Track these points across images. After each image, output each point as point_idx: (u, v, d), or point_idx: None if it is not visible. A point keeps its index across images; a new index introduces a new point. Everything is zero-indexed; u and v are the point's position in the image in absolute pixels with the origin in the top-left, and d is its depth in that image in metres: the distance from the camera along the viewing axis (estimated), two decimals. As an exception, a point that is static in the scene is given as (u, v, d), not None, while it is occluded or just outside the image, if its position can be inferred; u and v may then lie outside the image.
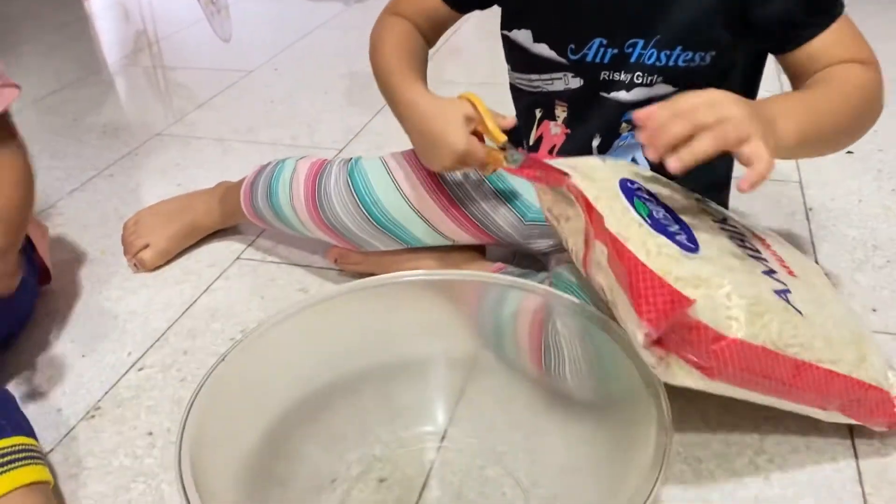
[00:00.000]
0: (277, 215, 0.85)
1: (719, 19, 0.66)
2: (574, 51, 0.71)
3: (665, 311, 0.51)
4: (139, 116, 1.40)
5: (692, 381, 0.55)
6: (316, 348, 0.67)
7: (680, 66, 0.68)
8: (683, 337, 0.53)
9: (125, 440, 0.68)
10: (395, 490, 0.63)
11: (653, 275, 0.53)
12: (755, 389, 0.57)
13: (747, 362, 0.54)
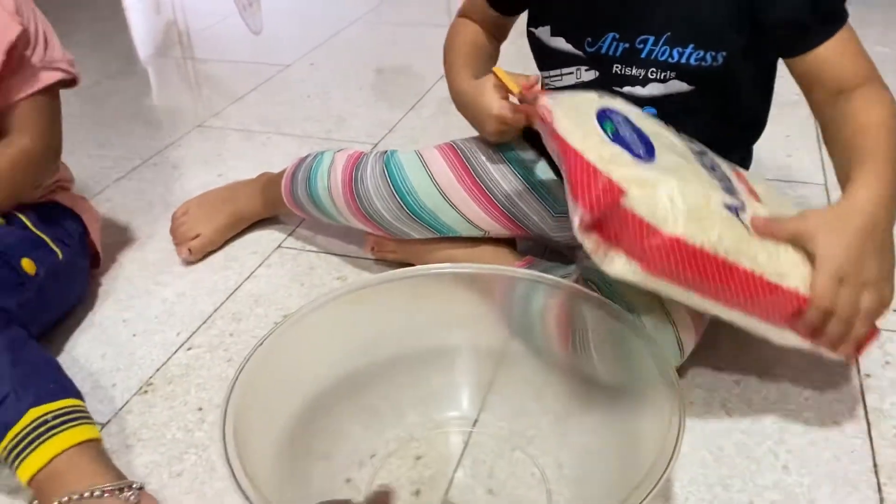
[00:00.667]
0: (316, 204, 0.89)
1: (730, 19, 0.69)
2: (591, 43, 0.75)
3: (598, 197, 0.56)
4: (180, 108, 1.45)
5: (631, 274, 0.59)
6: (352, 333, 0.71)
7: (692, 65, 0.70)
8: (620, 228, 0.57)
9: (177, 414, 0.73)
10: (431, 467, 0.66)
11: (591, 166, 0.57)
12: (695, 291, 0.59)
13: (684, 261, 0.57)
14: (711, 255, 0.57)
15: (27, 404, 0.63)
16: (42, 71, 0.78)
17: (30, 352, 0.69)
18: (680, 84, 0.72)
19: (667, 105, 0.73)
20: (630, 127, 0.64)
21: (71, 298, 0.88)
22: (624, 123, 0.64)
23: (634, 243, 0.57)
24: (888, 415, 0.69)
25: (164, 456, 0.68)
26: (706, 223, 0.58)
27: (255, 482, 0.50)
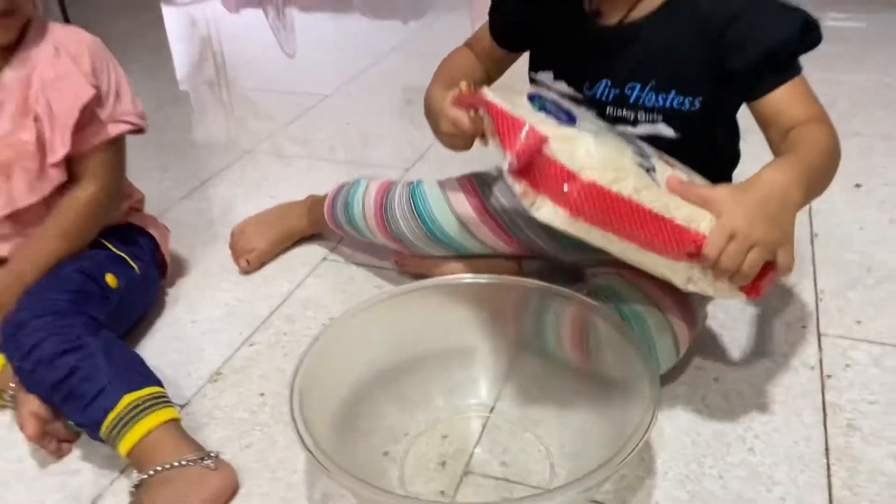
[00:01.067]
0: (352, 225, 1.03)
1: (703, 69, 0.81)
2: (588, 87, 0.87)
3: (523, 143, 0.65)
4: (232, 135, 1.61)
5: (557, 219, 0.66)
6: (389, 333, 0.84)
7: (675, 109, 0.82)
8: (543, 174, 0.66)
9: (243, 399, 0.87)
10: (455, 444, 0.80)
11: (516, 119, 0.67)
12: (613, 233, 0.67)
13: (601, 204, 0.65)
14: (626, 200, 0.65)
15: (122, 392, 0.77)
16: (111, 124, 0.90)
17: (119, 350, 0.83)
18: (666, 128, 0.85)
19: (655, 144, 0.86)
20: (556, 106, 0.74)
21: (146, 304, 1.02)
22: (551, 102, 0.75)
23: (555, 187, 0.65)
24: (843, 409, 0.82)
25: (234, 432, 0.82)
26: (620, 174, 0.66)
27: (317, 447, 0.64)
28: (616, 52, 0.84)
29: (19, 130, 0.86)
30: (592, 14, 0.85)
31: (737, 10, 0.78)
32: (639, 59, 0.84)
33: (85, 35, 0.91)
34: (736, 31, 0.78)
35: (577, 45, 0.87)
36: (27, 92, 0.86)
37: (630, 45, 0.83)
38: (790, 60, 0.80)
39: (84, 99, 0.86)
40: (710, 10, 0.79)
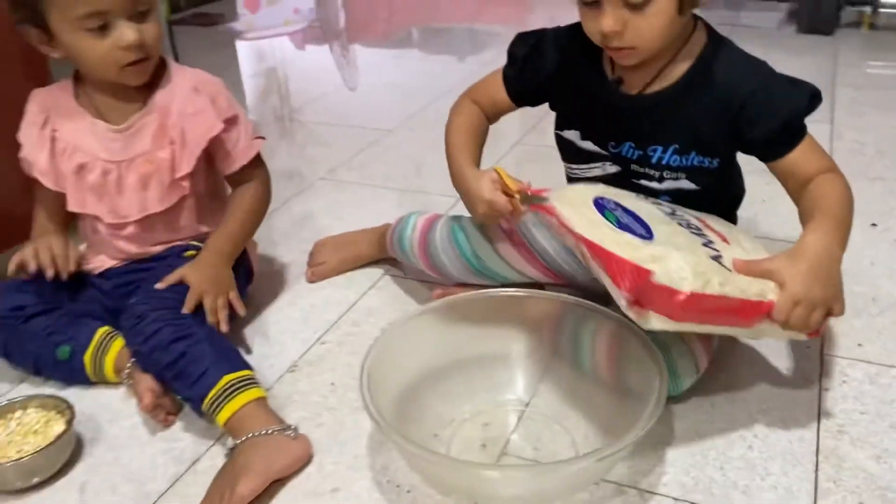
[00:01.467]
0: (405, 255, 1.17)
1: (721, 137, 0.93)
2: (613, 146, 0.99)
3: (633, 279, 0.76)
4: (306, 163, 1.79)
5: (664, 325, 0.78)
6: (439, 337, 0.98)
7: (696, 167, 0.95)
8: (652, 297, 0.77)
9: (316, 387, 1.03)
10: (495, 430, 0.94)
11: (620, 259, 0.77)
12: (707, 322, 0.80)
13: (698, 306, 0.77)
14: (717, 297, 0.78)
15: (222, 373, 0.93)
16: (253, 141, 1.12)
17: (219, 339, 1.00)
18: (688, 183, 0.96)
19: (677, 195, 0.98)
20: (623, 210, 0.87)
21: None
22: (619, 210, 0.86)
23: (664, 304, 0.77)
24: (836, 417, 0.93)
25: (309, 413, 0.98)
26: (706, 275, 0.78)
27: (382, 417, 0.79)
28: (638, 119, 0.96)
29: (158, 150, 1.05)
30: (615, 82, 0.96)
31: (753, 88, 0.89)
32: (660, 126, 0.95)
33: (215, 78, 1.10)
34: (753, 107, 0.90)
35: (601, 109, 0.98)
36: (167, 121, 1.05)
37: (651, 114, 0.95)
38: (801, 126, 0.92)
39: (212, 133, 1.06)
40: (727, 88, 0.91)
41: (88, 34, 0.96)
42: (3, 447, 0.91)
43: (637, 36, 0.87)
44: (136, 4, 0.97)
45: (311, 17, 3.58)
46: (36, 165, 1.06)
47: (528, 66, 1.03)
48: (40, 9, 0.95)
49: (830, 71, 2.21)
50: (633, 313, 0.78)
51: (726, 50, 0.94)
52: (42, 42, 1.00)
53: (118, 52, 0.98)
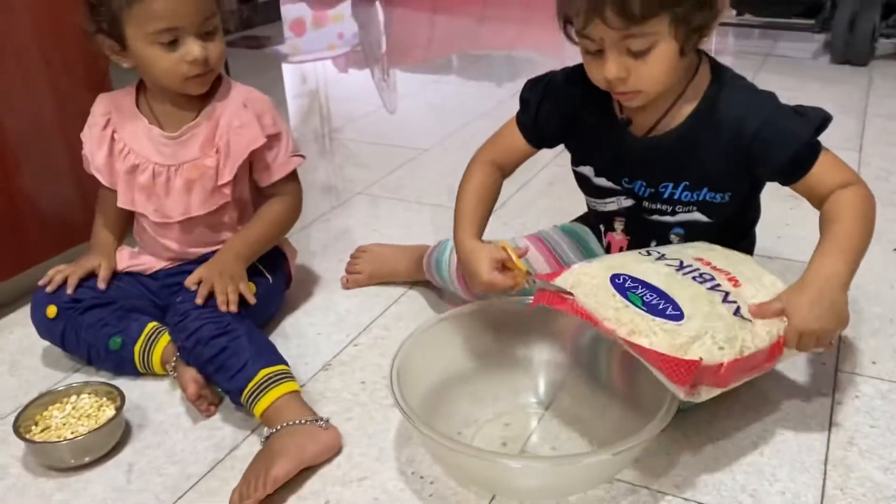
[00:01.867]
0: (444, 282, 1.20)
1: (732, 172, 0.95)
2: (627, 182, 1.02)
3: (687, 374, 0.79)
4: (345, 179, 1.87)
5: (711, 394, 0.84)
6: (466, 340, 1.03)
7: (708, 201, 0.98)
8: (702, 376, 0.81)
9: (347, 384, 1.09)
10: (515, 430, 0.99)
11: (668, 358, 0.80)
12: (745, 376, 0.86)
13: (738, 368, 0.83)
14: (750, 356, 0.83)
15: (260, 367, 1.00)
16: (291, 158, 1.19)
17: (257, 335, 1.07)
18: (701, 216, 0.99)
19: (690, 227, 1.01)
20: (642, 286, 0.87)
21: (274, 308, 1.26)
22: (640, 286, 0.87)
23: (710, 378, 0.82)
24: (846, 429, 0.96)
25: (340, 408, 1.04)
26: (737, 339, 0.83)
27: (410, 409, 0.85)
28: (648, 160, 0.99)
29: (204, 157, 1.13)
30: (624, 121, 0.99)
31: (759, 125, 0.91)
32: (669, 165, 0.98)
33: (264, 96, 1.18)
34: (761, 145, 0.92)
35: (612, 148, 1.02)
36: (215, 131, 1.13)
37: (660, 154, 0.98)
38: (812, 151, 0.93)
39: (254, 146, 1.14)
40: (733, 125, 0.93)
41: (160, 47, 1.05)
42: (59, 428, 0.98)
43: (641, 81, 0.90)
44: (204, 25, 1.07)
45: (355, 42, 3.71)
46: (94, 162, 1.16)
47: (541, 111, 1.05)
48: (119, 22, 1.05)
49: (863, 101, 2.24)
50: (682, 393, 0.81)
51: (730, 86, 0.96)
52: (114, 51, 1.09)
53: (184, 66, 1.07)
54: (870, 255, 1.26)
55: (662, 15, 0.85)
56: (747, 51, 2.99)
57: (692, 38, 0.90)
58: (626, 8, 0.83)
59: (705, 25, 0.90)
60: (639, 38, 0.87)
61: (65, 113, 1.31)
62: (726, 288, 0.90)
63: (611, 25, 0.85)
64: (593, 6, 0.85)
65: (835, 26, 2.59)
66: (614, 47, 0.88)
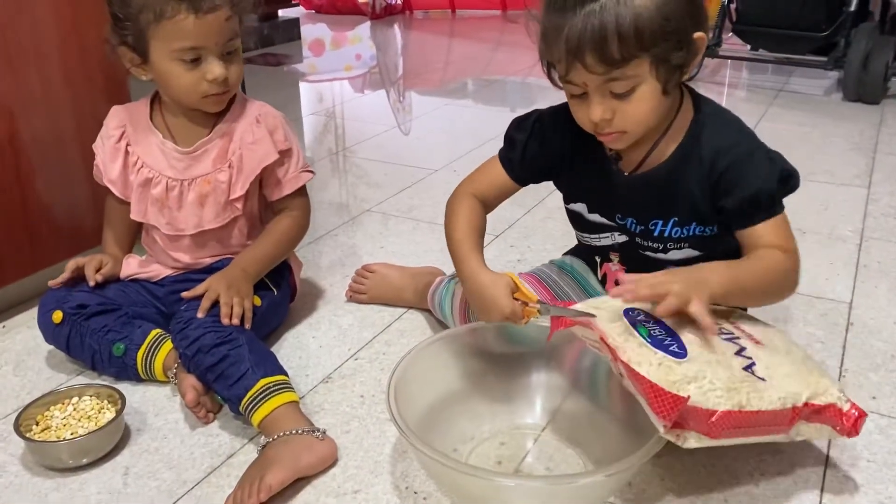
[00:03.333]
0: (445, 319, 1.21)
1: (710, 207, 0.96)
2: (620, 219, 1.03)
3: (671, 409, 0.78)
4: (355, 196, 1.89)
5: (701, 443, 0.81)
6: (465, 359, 1.04)
7: (699, 235, 0.99)
8: (689, 418, 0.80)
9: (346, 398, 1.09)
10: (511, 449, 0.99)
11: (658, 388, 0.79)
12: (744, 435, 0.83)
13: (733, 422, 0.81)
14: (747, 412, 0.81)
15: (260, 376, 1.01)
16: (302, 173, 1.21)
17: (258, 346, 1.07)
18: (692, 251, 1.00)
19: (682, 264, 1.00)
20: (653, 322, 0.87)
21: (277, 320, 1.27)
22: (651, 322, 0.87)
23: (700, 424, 0.80)
24: (843, 463, 0.96)
25: (338, 420, 1.04)
26: (739, 392, 0.81)
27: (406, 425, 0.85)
28: (636, 195, 1.00)
29: (217, 172, 1.15)
30: (613, 158, 1.00)
31: (730, 162, 0.93)
32: (657, 201, 0.99)
33: (276, 111, 1.20)
34: (728, 179, 0.94)
35: (603, 186, 1.02)
36: (228, 146, 1.16)
37: (648, 191, 0.99)
38: (770, 203, 0.95)
39: (267, 161, 1.16)
40: (710, 161, 0.94)
41: (182, 64, 1.08)
42: (58, 428, 0.99)
43: (625, 121, 0.91)
44: (227, 45, 1.10)
45: (372, 63, 3.76)
46: (108, 174, 1.18)
47: (528, 149, 1.06)
48: (145, 37, 1.07)
49: (873, 138, 2.24)
50: (671, 436, 0.81)
51: (712, 120, 0.97)
52: (135, 64, 1.12)
53: (204, 84, 1.10)
54: (874, 290, 1.27)
55: (642, 56, 0.86)
56: (760, 85, 3.01)
57: (673, 77, 0.90)
58: (605, 53, 0.84)
59: (685, 63, 0.90)
60: (621, 81, 0.88)
61: (82, 121, 1.34)
62: (745, 343, 0.89)
63: (592, 71, 0.86)
64: (573, 53, 0.85)
65: (848, 64, 2.60)
66: (597, 91, 0.89)
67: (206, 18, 1.05)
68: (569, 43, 0.85)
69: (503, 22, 4.72)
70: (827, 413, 0.87)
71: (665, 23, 0.85)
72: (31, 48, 1.26)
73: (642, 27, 0.84)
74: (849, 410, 0.87)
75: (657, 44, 0.86)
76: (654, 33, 0.85)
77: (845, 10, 2.63)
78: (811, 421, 0.87)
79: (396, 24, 4.71)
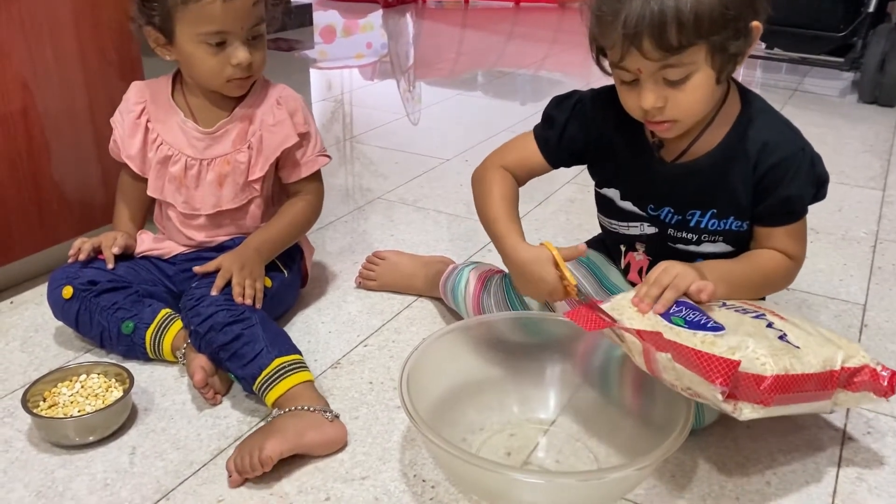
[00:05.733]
0: (459, 310, 1.20)
1: (750, 201, 0.96)
2: (653, 209, 1.01)
3: (726, 373, 0.78)
4: (365, 184, 1.88)
5: (756, 413, 0.81)
6: (478, 350, 1.03)
7: (734, 230, 0.98)
8: (741, 386, 0.80)
9: (355, 384, 1.08)
10: (520, 441, 0.98)
11: (709, 356, 0.79)
12: (792, 403, 0.83)
13: (782, 387, 0.81)
14: (795, 376, 0.82)
15: (274, 356, 1.00)
16: (319, 157, 1.20)
17: (272, 325, 1.06)
18: (725, 245, 0.99)
19: (712, 257, 1.00)
20: (685, 306, 0.87)
21: (288, 304, 1.26)
22: (683, 308, 0.87)
23: (751, 392, 0.80)
24: (856, 464, 0.95)
25: (347, 406, 1.04)
26: (780, 359, 0.81)
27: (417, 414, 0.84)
28: (678, 186, 0.99)
29: (237, 153, 1.15)
30: (655, 146, 0.99)
31: (777, 160, 0.93)
32: (698, 192, 0.98)
33: (297, 94, 1.19)
34: (771, 177, 0.94)
35: (641, 173, 1.01)
36: (248, 127, 1.15)
37: (691, 181, 0.97)
38: (800, 208, 0.96)
39: (287, 144, 1.15)
40: (757, 155, 0.94)
41: (207, 47, 1.07)
42: (66, 405, 0.98)
43: (678, 110, 0.90)
44: (252, 31, 1.09)
45: (383, 52, 3.74)
46: (126, 149, 1.17)
47: (568, 130, 1.04)
48: (171, 18, 1.06)
49: (888, 141, 2.22)
50: (728, 406, 0.81)
51: (762, 113, 0.97)
52: (160, 44, 1.11)
53: (228, 68, 1.09)
54: (889, 293, 1.25)
55: (700, 44, 0.85)
56: (775, 84, 2.99)
57: (728, 66, 0.89)
58: (663, 39, 0.83)
59: (741, 52, 0.89)
60: (676, 68, 0.86)
61: (95, 97, 1.33)
62: (771, 319, 0.90)
63: (648, 57, 0.85)
64: (630, 38, 0.84)
65: (864, 66, 2.58)
66: (651, 77, 0.88)
67: (233, 3, 1.05)
68: (626, 27, 0.83)
69: (515, 13, 4.70)
70: (863, 375, 0.87)
71: (725, 10, 0.84)
72: (46, 22, 1.25)
73: (702, 14, 0.82)
74: (882, 371, 0.88)
75: (716, 31, 0.84)
76: (714, 21, 0.83)
77: (863, 10, 2.60)
78: (848, 389, 0.88)
79: (409, 12, 4.68)
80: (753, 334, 0.85)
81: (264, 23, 1.11)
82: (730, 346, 0.81)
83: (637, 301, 0.88)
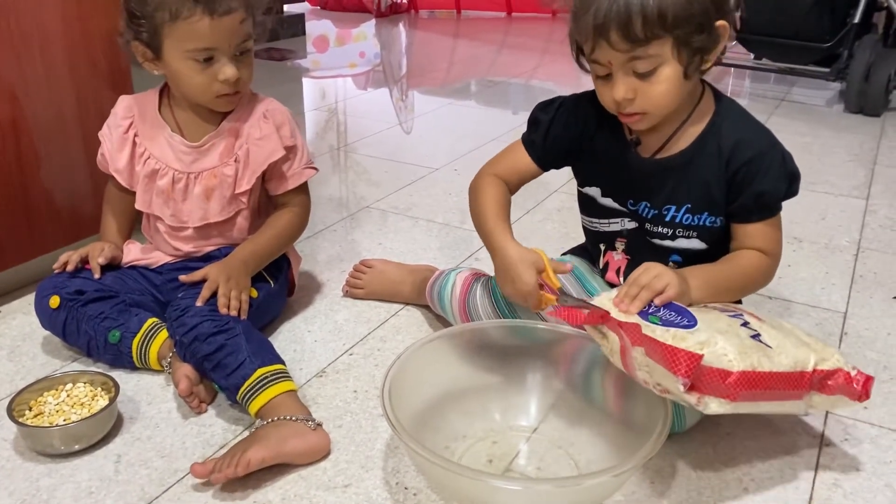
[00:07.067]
0: (447, 315, 1.21)
1: (723, 197, 0.99)
2: (632, 204, 1.05)
3: (689, 366, 0.80)
4: (354, 193, 1.90)
5: (722, 408, 0.83)
6: (461, 358, 1.04)
7: (707, 226, 1.01)
8: (705, 380, 0.82)
9: (340, 392, 1.09)
10: (502, 448, 0.99)
11: (675, 349, 0.82)
12: (760, 400, 0.85)
13: (749, 383, 0.82)
14: (762, 373, 0.83)
15: (257, 366, 1.01)
16: (305, 169, 1.22)
17: (256, 335, 1.08)
18: (699, 242, 1.02)
19: (687, 255, 1.04)
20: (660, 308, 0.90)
21: (274, 313, 1.27)
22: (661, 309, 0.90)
23: (717, 386, 0.82)
24: (832, 470, 0.96)
25: (331, 415, 1.05)
26: (749, 355, 0.84)
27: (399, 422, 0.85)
28: (654, 181, 1.03)
29: (224, 166, 1.16)
30: (633, 142, 1.04)
31: (750, 157, 0.98)
32: (674, 187, 1.02)
33: (283, 107, 1.21)
34: (744, 172, 0.98)
35: (620, 170, 1.05)
36: (235, 141, 1.16)
37: (666, 176, 1.02)
38: (773, 204, 1.00)
39: (274, 157, 1.17)
40: (730, 152, 0.99)
41: (194, 63, 1.09)
42: (51, 414, 0.99)
43: (647, 102, 0.95)
44: (240, 47, 1.10)
45: (376, 61, 3.76)
46: (114, 163, 1.18)
47: (552, 130, 1.08)
48: (159, 35, 1.08)
49: (873, 150, 2.25)
50: (692, 398, 0.83)
51: (734, 113, 1.02)
52: (147, 59, 1.12)
53: (216, 84, 1.10)
54: (869, 301, 1.26)
55: (664, 37, 0.90)
56: (762, 94, 3.02)
57: (694, 61, 0.94)
58: (629, 31, 0.89)
59: (706, 49, 0.94)
60: (644, 60, 0.92)
61: (84, 108, 1.35)
62: (748, 319, 0.93)
63: (616, 48, 0.91)
64: (599, 30, 0.90)
65: (850, 76, 2.61)
66: (621, 69, 0.93)
67: (221, 21, 1.06)
68: (596, 20, 0.90)
69: (508, 23, 4.73)
70: (837, 378, 0.89)
71: (688, 6, 0.89)
72: (35, 32, 1.26)
73: (665, 8, 0.88)
74: (856, 375, 0.90)
75: (680, 25, 0.90)
76: (677, 15, 0.89)
77: (849, 21, 2.63)
78: (823, 391, 0.89)
79: (401, 22, 4.71)
80: (725, 332, 0.87)
81: (251, 39, 1.12)
82: (698, 342, 0.84)
83: (618, 301, 0.91)
